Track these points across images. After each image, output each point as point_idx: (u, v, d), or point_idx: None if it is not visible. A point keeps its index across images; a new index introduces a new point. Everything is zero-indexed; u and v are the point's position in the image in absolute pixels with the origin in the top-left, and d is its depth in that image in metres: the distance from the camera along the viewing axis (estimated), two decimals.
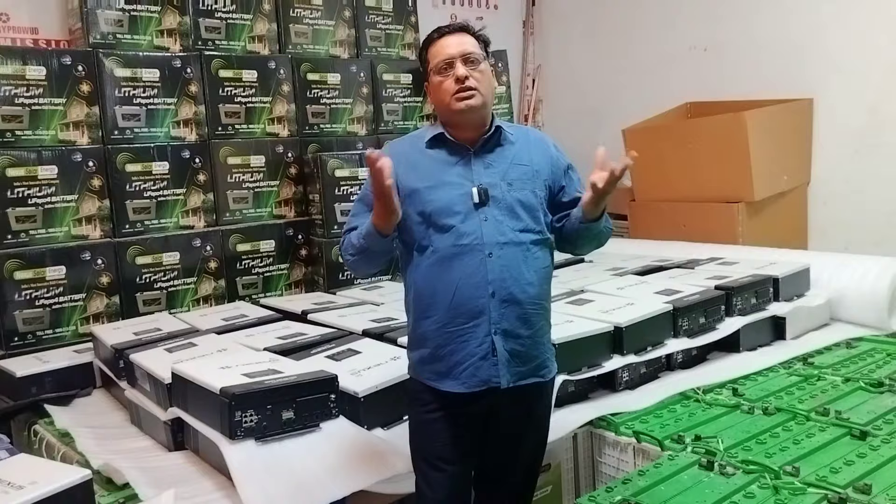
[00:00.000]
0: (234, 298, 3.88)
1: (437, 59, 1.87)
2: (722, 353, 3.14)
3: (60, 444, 2.54)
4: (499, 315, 1.83)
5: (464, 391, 1.84)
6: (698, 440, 2.26)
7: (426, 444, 1.95)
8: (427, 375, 1.91)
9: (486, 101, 1.87)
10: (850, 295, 3.43)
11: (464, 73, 1.83)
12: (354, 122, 4.38)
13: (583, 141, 5.58)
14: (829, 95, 4.36)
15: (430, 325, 1.87)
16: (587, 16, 5.78)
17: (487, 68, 1.90)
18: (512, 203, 1.86)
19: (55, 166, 3.39)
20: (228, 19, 3.96)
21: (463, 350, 1.84)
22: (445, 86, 1.85)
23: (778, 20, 4.55)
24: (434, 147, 1.92)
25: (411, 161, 1.91)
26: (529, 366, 1.89)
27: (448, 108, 1.87)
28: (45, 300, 3.35)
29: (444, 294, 1.84)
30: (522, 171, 1.91)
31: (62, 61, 3.43)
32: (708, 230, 4.25)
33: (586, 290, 3.34)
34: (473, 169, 1.88)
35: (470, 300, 1.82)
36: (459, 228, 1.82)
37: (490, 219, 1.84)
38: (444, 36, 1.89)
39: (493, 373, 1.83)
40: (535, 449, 2.03)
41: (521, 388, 1.87)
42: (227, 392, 2.08)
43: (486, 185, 1.85)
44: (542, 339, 1.94)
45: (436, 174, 1.88)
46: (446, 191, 1.85)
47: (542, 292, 1.92)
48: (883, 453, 2.11)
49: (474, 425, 1.92)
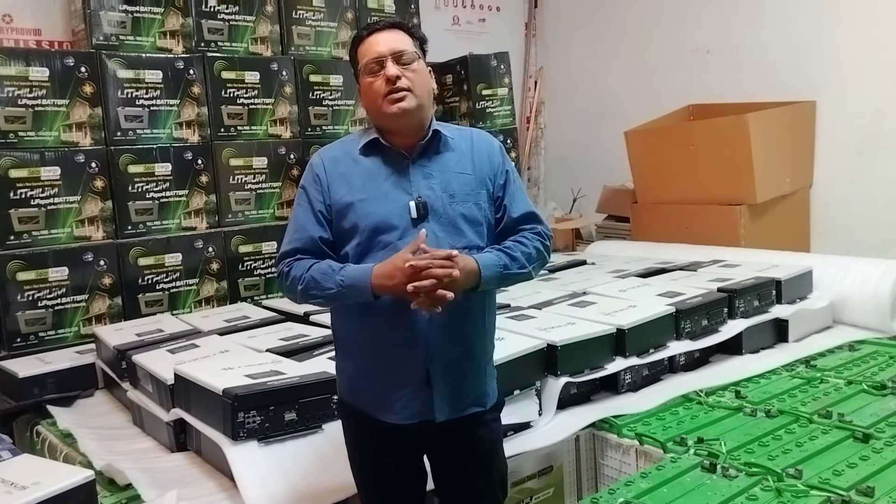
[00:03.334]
0: (236, 300, 3.88)
1: (367, 58, 1.71)
2: (724, 356, 3.14)
3: (63, 444, 2.54)
4: (436, 342, 1.68)
5: (397, 423, 1.71)
6: (701, 442, 2.26)
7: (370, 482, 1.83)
8: (360, 400, 1.77)
9: (421, 103, 1.71)
10: (853, 297, 3.43)
11: (394, 73, 1.67)
12: (357, 124, 4.37)
13: (585, 143, 5.64)
14: (832, 98, 4.36)
15: (364, 348, 1.74)
16: (589, 18, 5.78)
17: (423, 67, 1.75)
18: (454, 217, 1.71)
19: (58, 167, 3.39)
20: (231, 21, 3.96)
21: (398, 378, 1.70)
22: (375, 87, 1.69)
23: (781, 22, 4.55)
24: (368, 154, 1.75)
25: (344, 170, 1.74)
26: (469, 395, 1.75)
27: (379, 110, 1.71)
28: (48, 301, 3.35)
29: (381, 316, 1.68)
30: (465, 181, 1.74)
31: (65, 63, 3.43)
32: (710, 232, 4.25)
33: (588, 293, 3.33)
34: (412, 179, 1.71)
35: (407, 325, 1.66)
36: (397, 245, 1.65)
37: (430, 235, 1.65)
38: (374, 33, 1.73)
39: (429, 405, 1.70)
40: (486, 486, 1.84)
41: (461, 420, 1.74)
42: (229, 393, 2.08)
43: (424, 198, 1.69)
44: (483, 365, 1.80)
45: (370, 185, 1.71)
46: (382, 204, 1.69)
47: (485, 317, 1.79)
48: (886, 456, 2.10)
49: (415, 457, 1.81)
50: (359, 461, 1.84)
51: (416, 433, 1.74)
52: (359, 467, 1.85)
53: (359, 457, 1.84)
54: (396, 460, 1.79)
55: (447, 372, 1.71)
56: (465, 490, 1.83)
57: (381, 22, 1.78)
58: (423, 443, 1.80)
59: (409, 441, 1.76)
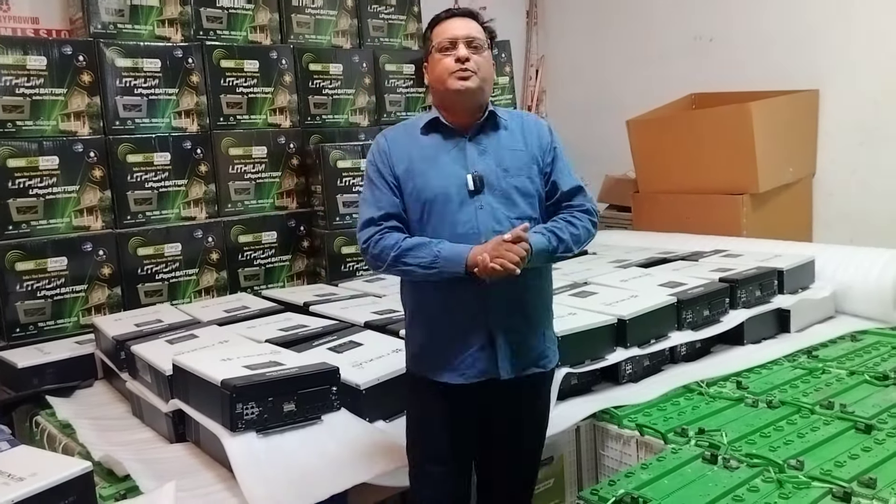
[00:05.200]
0: (235, 290, 3.87)
1: (442, 37, 1.86)
2: (726, 346, 3.13)
3: (62, 435, 2.54)
4: (497, 308, 1.82)
5: (462, 382, 1.84)
6: (702, 433, 2.25)
7: (424, 440, 1.95)
8: (425, 367, 1.90)
9: (483, 87, 1.86)
10: (856, 288, 3.42)
11: (465, 54, 1.83)
12: (357, 113, 4.35)
13: (586, 132, 5.60)
14: (835, 86, 4.33)
15: (431, 318, 1.87)
16: (590, 6, 5.74)
17: (489, 57, 1.90)
18: (508, 190, 1.84)
19: (56, 157, 3.38)
20: (230, 9, 3.94)
21: (464, 342, 1.83)
22: (445, 63, 1.84)
23: (784, 11, 4.52)
24: (429, 132, 1.90)
25: (406, 147, 1.89)
26: (529, 356, 1.88)
27: (445, 85, 1.85)
28: (47, 291, 3.35)
29: (444, 288, 1.82)
30: (518, 157, 1.88)
31: (63, 51, 3.41)
32: (712, 222, 4.23)
33: (590, 283, 3.32)
34: (468, 155, 1.86)
35: (467, 292, 1.80)
36: (455, 217, 1.80)
37: (486, 206, 1.82)
38: (452, 18, 1.89)
39: (493, 364, 1.83)
40: (534, 440, 2.02)
41: (521, 380, 1.87)
42: (228, 384, 2.07)
43: (480, 172, 1.83)
44: (542, 328, 1.93)
45: (430, 161, 1.86)
46: (441, 177, 1.83)
47: (542, 282, 1.91)
48: (888, 447, 2.09)
49: (472, 418, 1.91)
50: (417, 425, 1.98)
51: (478, 392, 1.85)
52: (414, 428, 1.98)
53: (418, 420, 1.97)
54: (452, 422, 1.90)
55: (508, 334, 1.84)
56: (510, 449, 1.97)
57: (459, 9, 1.94)
58: (484, 402, 1.89)
59: (469, 401, 1.87)
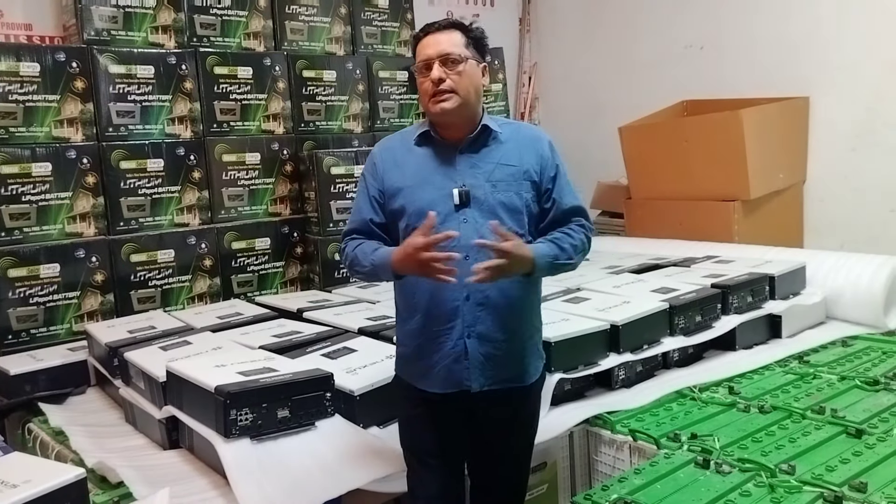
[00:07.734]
0: (229, 296, 3.86)
1: (419, 58, 1.88)
2: (718, 352, 3.14)
3: (54, 442, 2.53)
4: (472, 318, 1.84)
5: (438, 391, 1.88)
6: (694, 438, 2.26)
7: (412, 439, 1.99)
8: (408, 373, 1.96)
9: (464, 102, 1.84)
10: (846, 293, 3.44)
11: (437, 76, 1.82)
12: (350, 120, 4.36)
13: (579, 139, 5.62)
14: (826, 93, 4.36)
15: (412, 325, 1.91)
16: (583, 13, 5.77)
17: (470, 68, 1.86)
18: (494, 205, 1.85)
19: (49, 163, 3.37)
20: (224, 16, 3.95)
21: (438, 351, 1.86)
22: (423, 88, 1.86)
23: (774, 18, 4.55)
24: (422, 145, 1.92)
25: (398, 159, 1.93)
26: (506, 370, 1.89)
27: (426, 110, 1.89)
28: (39, 298, 3.34)
29: (423, 296, 1.86)
30: (509, 172, 1.88)
31: (56, 58, 3.41)
32: (704, 228, 4.25)
33: (582, 289, 3.33)
34: (458, 169, 1.87)
35: (445, 302, 1.83)
36: (439, 229, 1.78)
37: (470, 220, 1.83)
38: (428, 35, 1.88)
39: (465, 376, 1.85)
40: (521, 449, 2.03)
41: (498, 392, 1.88)
42: (222, 390, 2.07)
43: (468, 186, 1.84)
44: (524, 342, 1.93)
45: (420, 173, 1.88)
46: (428, 191, 1.85)
47: (525, 296, 1.91)
48: (878, 451, 2.11)
49: (455, 423, 1.94)
50: (405, 425, 2.02)
51: (455, 401, 1.88)
52: (405, 430, 2.02)
53: (405, 421, 2.02)
54: (437, 424, 1.93)
55: (482, 345, 1.85)
56: (498, 455, 1.98)
57: (438, 22, 1.90)
58: (463, 410, 1.91)
59: (449, 408, 1.90)
